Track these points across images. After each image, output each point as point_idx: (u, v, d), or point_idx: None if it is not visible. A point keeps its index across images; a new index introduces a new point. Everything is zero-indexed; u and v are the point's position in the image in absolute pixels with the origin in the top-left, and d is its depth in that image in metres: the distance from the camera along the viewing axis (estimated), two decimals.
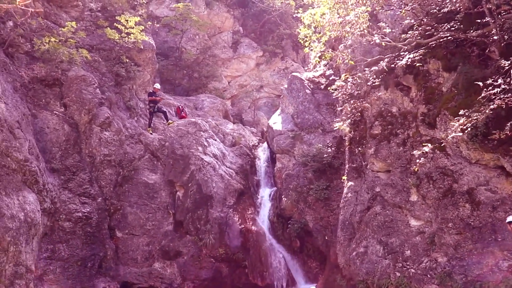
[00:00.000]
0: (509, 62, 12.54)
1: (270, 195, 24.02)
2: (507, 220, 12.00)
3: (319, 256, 21.03)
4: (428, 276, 14.38)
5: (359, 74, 17.22)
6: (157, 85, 25.65)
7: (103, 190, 20.83)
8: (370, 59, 17.05)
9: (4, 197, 15.51)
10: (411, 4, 15.12)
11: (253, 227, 22.01)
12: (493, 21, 13.14)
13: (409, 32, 15.78)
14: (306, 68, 30.28)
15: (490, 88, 12.40)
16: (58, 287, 17.86)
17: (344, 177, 18.94)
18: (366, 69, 17.06)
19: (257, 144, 27.45)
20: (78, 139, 20.64)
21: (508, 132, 12.09)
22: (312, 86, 24.21)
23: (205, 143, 23.78)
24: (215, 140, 24.83)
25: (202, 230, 21.51)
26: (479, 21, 13.71)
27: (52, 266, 18.13)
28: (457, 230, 14.24)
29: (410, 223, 15.68)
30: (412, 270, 14.91)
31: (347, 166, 18.75)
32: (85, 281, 18.68)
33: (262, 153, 26.16)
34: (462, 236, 14.05)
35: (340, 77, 18.99)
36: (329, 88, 19.59)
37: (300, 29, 16.80)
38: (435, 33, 14.88)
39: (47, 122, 19.93)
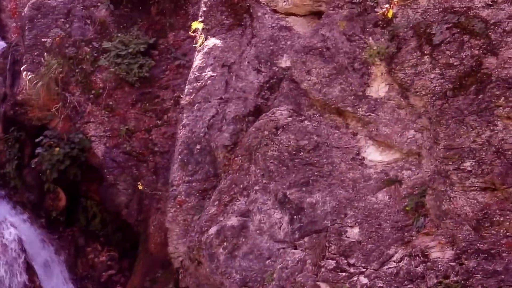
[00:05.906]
0: None
1: None
2: None
3: (120, 236, 14.20)
4: None
5: None
6: None
7: None
8: None
9: None
10: None
11: None
12: None
13: None
14: None
15: None
16: None
17: (196, 24, 12.78)
18: None
19: None
20: None
21: None
22: None
23: None
24: None
25: None
26: None
27: None
28: (483, 181, 7.97)
29: (365, 157, 9.77)
30: (363, 282, 8.38)
31: None
32: None
33: None
34: (492, 197, 7.96)
35: None
36: None
37: None
38: None
39: None
